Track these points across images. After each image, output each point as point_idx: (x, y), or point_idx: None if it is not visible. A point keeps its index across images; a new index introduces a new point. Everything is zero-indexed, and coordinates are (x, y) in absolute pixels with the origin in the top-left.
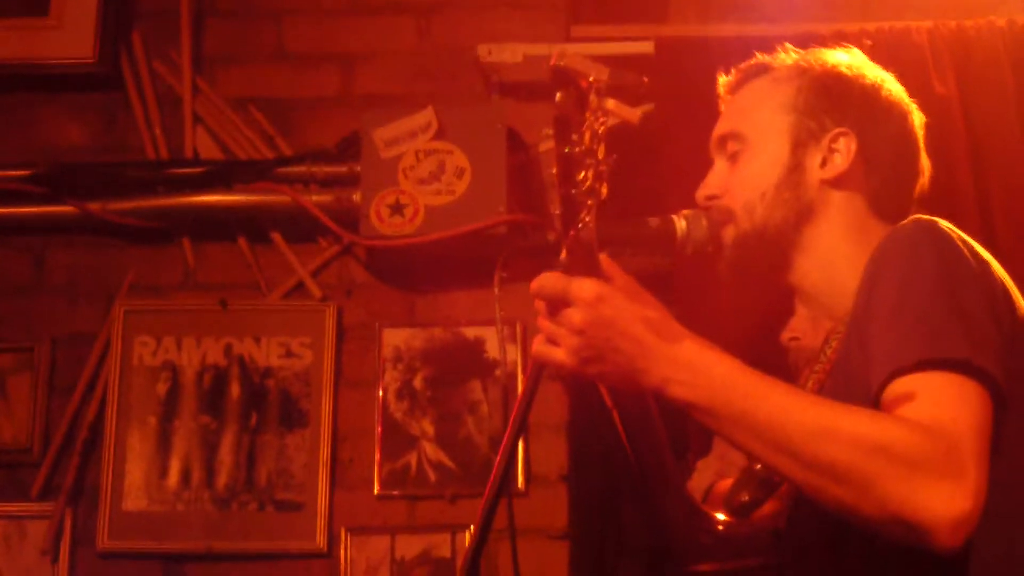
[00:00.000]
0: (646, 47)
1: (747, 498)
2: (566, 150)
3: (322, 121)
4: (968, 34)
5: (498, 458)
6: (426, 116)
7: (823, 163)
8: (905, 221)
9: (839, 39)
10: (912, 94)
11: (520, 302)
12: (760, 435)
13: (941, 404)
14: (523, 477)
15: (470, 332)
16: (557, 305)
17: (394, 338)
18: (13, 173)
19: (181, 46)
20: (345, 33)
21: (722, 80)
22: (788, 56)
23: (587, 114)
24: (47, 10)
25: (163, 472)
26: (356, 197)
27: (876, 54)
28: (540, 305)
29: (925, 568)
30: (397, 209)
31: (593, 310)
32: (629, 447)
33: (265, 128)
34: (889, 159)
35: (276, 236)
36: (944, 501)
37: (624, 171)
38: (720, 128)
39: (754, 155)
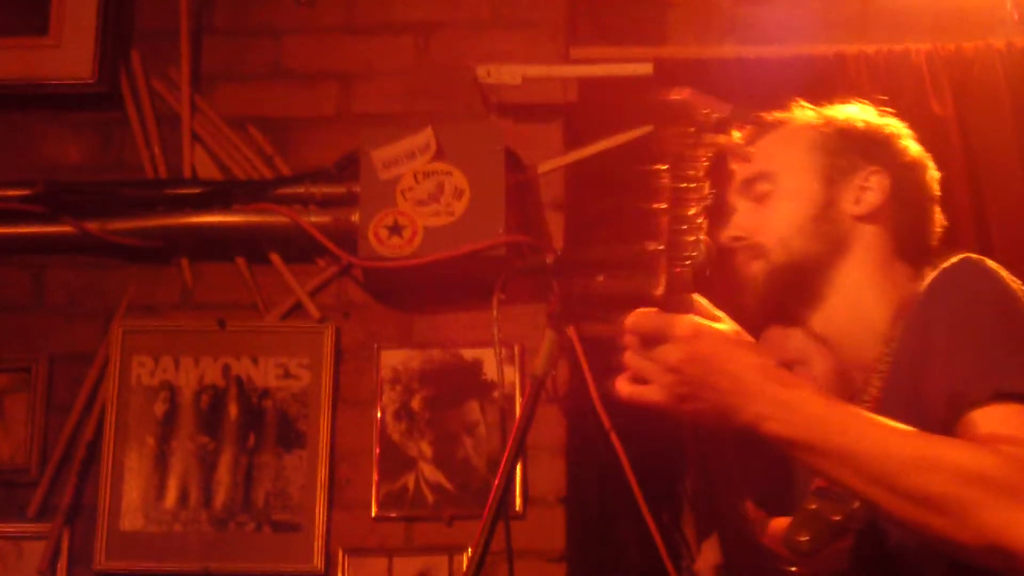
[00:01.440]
0: (645, 68)
1: (806, 538)
2: (680, 186)
3: (320, 140)
4: (966, 56)
5: (496, 480)
6: (425, 137)
7: (856, 200)
8: (954, 259)
9: (839, 61)
10: (910, 115)
11: (518, 323)
12: (858, 469)
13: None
14: (521, 499)
15: (468, 353)
16: (652, 342)
17: (392, 359)
18: (12, 192)
19: (180, 65)
20: (343, 51)
21: (736, 134)
22: (804, 109)
23: (699, 150)
24: (46, 29)
25: (160, 492)
26: (354, 218)
27: (875, 75)
28: (631, 340)
29: None
30: (395, 230)
31: (690, 347)
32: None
33: (263, 147)
34: (916, 201)
35: (274, 256)
36: None
37: (622, 192)
38: (746, 171)
39: (787, 193)
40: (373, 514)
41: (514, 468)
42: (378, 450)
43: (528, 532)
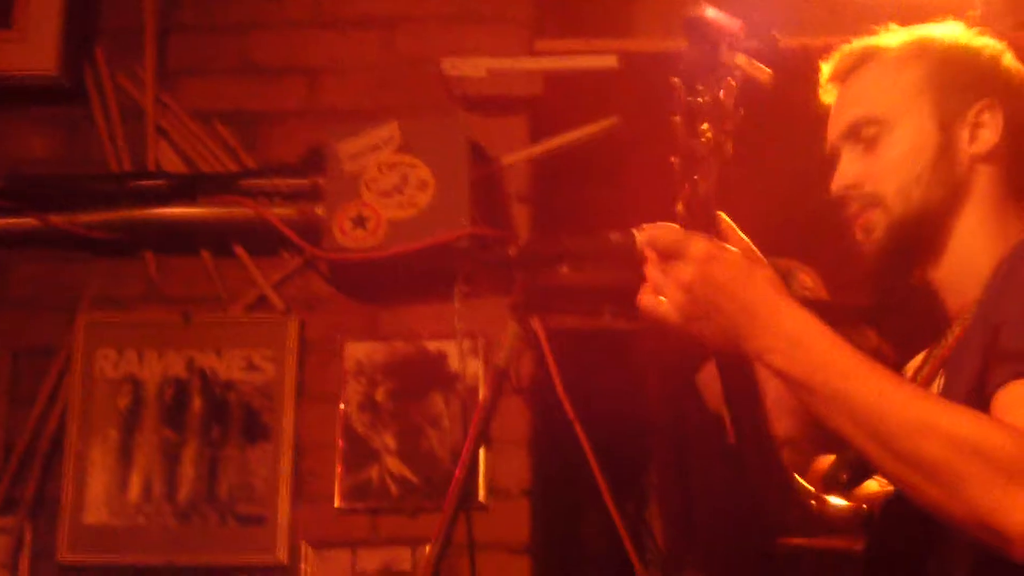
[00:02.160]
0: (610, 61)
1: (846, 477)
2: (691, 99)
3: (286, 134)
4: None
5: (458, 471)
6: (389, 129)
7: (972, 139)
8: None
9: (804, 54)
10: None
11: (483, 315)
12: (855, 419)
13: None
14: (485, 491)
15: (432, 345)
16: (668, 258)
17: (356, 351)
18: None
19: (145, 59)
20: (310, 46)
21: (826, 68)
22: (895, 35)
23: (718, 68)
24: (10, 23)
25: (124, 485)
26: (319, 210)
27: None
28: (650, 254)
29: None
30: (360, 222)
31: (704, 268)
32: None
33: (229, 141)
34: None
35: (239, 249)
36: None
37: (588, 184)
38: (849, 115)
39: (900, 137)
40: (337, 506)
41: (476, 459)
42: (342, 442)
43: (492, 524)
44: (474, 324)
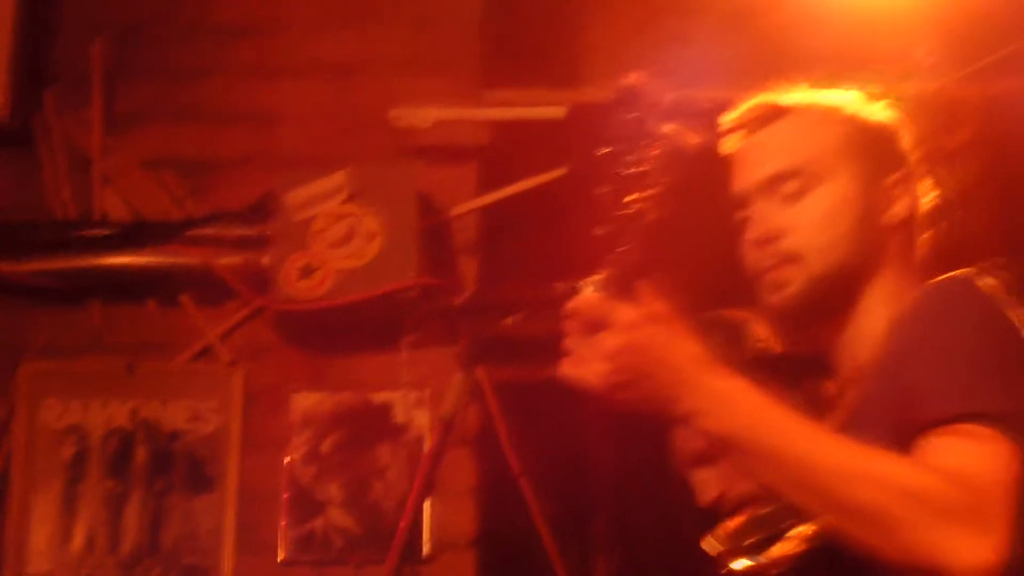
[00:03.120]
0: (558, 112)
1: (752, 541)
2: (618, 170)
3: (234, 183)
4: None
5: (402, 522)
6: (337, 179)
7: (887, 208)
8: (943, 276)
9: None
10: None
11: (429, 366)
12: (788, 473)
13: (974, 457)
14: (430, 543)
15: (378, 397)
16: (592, 328)
17: (303, 402)
18: None
19: (92, 105)
20: (259, 94)
21: (731, 118)
22: (805, 95)
23: (645, 138)
24: None
25: (67, 536)
26: (267, 260)
27: None
28: (572, 325)
29: None
30: (307, 272)
31: (629, 336)
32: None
33: (175, 189)
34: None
35: (185, 298)
36: (968, 552)
37: (536, 234)
38: (769, 167)
39: (826, 194)
40: (281, 559)
41: (421, 511)
42: (287, 494)
43: None
44: (420, 375)
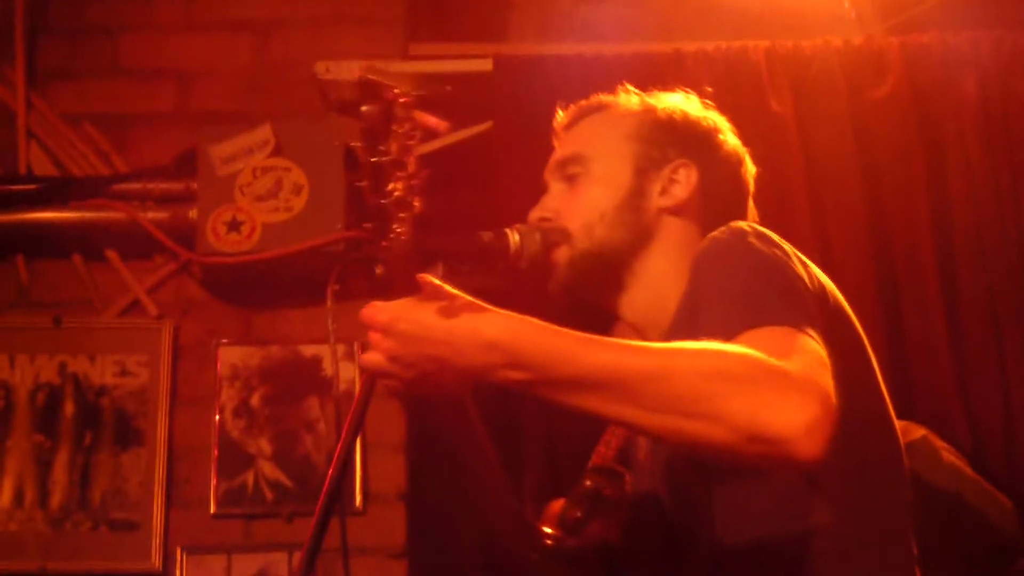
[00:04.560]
0: (484, 65)
1: (580, 514)
2: (373, 160)
3: (158, 138)
4: (804, 53)
5: (329, 473)
6: (263, 133)
7: (663, 191)
8: (723, 227)
9: (677, 58)
10: (748, 112)
11: (356, 319)
12: (598, 393)
13: (772, 338)
14: (361, 496)
15: (307, 350)
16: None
17: (231, 356)
18: None
19: (15, 61)
20: (181, 49)
21: (559, 115)
22: (630, 95)
23: (394, 125)
24: None
25: None
26: (192, 214)
27: (714, 72)
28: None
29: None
30: (234, 226)
31: (391, 332)
32: (462, 462)
33: (100, 144)
34: (725, 196)
35: (111, 254)
36: (792, 407)
37: (463, 188)
38: (560, 152)
39: (596, 178)
40: (212, 512)
41: (349, 462)
42: (217, 448)
43: (368, 528)
44: (348, 328)
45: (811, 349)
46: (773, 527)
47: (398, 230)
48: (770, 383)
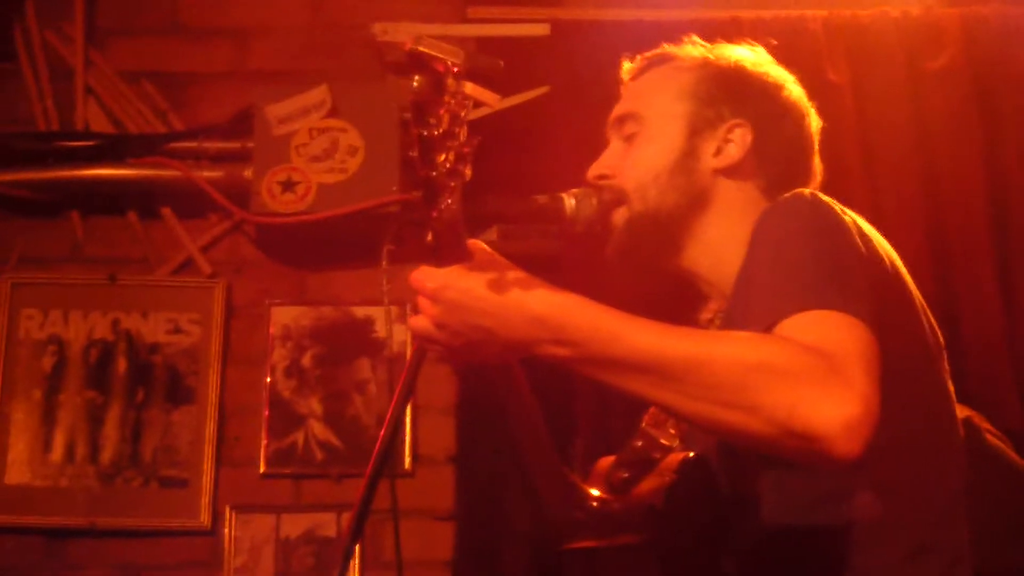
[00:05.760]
0: (542, 29)
1: (626, 475)
2: (424, 133)
3: (215, 96)
4: (862, 23)
5: (380, 435)
6: (320, 94)
7: (717, 152)
8: (786, 195)
9: (735, 26)
10: (805, 81)
11: (409, 282)
12: (639, 375)
13: (822, 327)
14: (410, 458)
15: (359, 311)
16: (421, 299)
17: (283, 316)
18: None
19: (74, 18)
20: (239, 8)
21: (625, 66)
22: (694, 47)
23: (445, 97)
24: None
25: (47, 446)
26: (248, 173)
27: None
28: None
29: (804, 553)
30: (289, 186)
31: (440, 300)
32: (508, 424)
33: (157, 102)
34: (783, 155)
35: (166, 211)
36: (833, 404)
37: (517, 153)
38: (619, 109)
39: (650, 138)
40: (261, 471)
41: (399, 424)
42: (267, 407)
43: (417, 491)
44: (401, 290)
45: (860, 338)
46: (820, 502)
47: (448, 200)
48: (812, 377)
